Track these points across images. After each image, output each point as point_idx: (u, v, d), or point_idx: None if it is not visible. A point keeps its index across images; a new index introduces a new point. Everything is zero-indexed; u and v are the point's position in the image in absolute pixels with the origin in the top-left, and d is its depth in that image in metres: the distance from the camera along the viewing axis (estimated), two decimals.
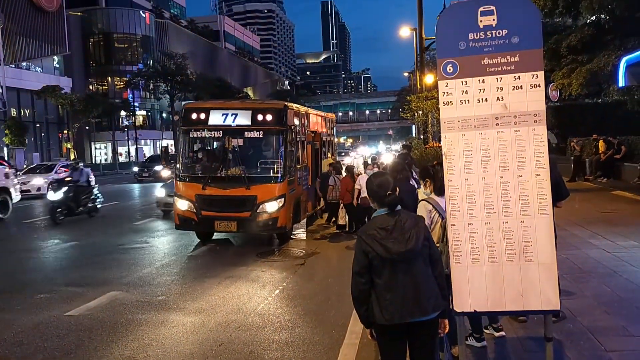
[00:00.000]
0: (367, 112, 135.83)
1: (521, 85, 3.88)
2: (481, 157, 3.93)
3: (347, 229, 12.96)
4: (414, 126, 48.46)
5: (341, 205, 13.03)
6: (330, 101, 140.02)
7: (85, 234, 14.22)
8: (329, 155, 17.38)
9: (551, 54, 21.50)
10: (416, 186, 7.35)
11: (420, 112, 25.02)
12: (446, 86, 3.99)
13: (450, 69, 3.98)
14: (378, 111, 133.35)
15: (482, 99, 3.94)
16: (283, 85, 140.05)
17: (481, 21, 3.88)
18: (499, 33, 3.89)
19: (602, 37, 21.23)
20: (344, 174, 13.22)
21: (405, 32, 33.36)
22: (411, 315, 3.43)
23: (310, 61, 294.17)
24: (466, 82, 3.95)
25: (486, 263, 3.90)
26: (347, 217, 13.10)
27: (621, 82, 9.98)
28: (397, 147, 62.54)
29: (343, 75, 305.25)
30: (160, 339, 6.26)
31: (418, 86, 29.04)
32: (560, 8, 22.27)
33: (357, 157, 44.23)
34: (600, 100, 27.62)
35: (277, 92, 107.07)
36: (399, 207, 3.58)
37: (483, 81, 3.93)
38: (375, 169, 12.01)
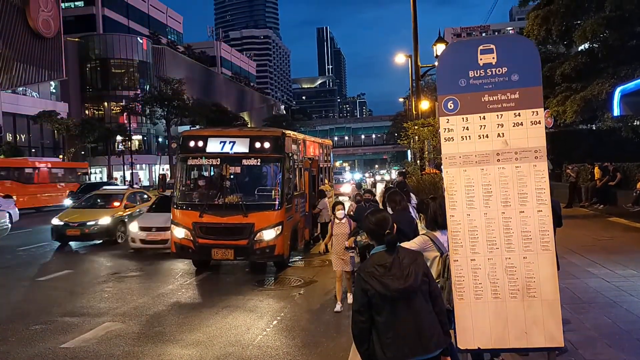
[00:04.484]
0: (363, 136, 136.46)
1: (521, 122, 3.92)
2: (483, 193, 3.94)
3: None
4: (409, 151, 48.66)
5: None
6: (326, 126, 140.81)
7: (79, 262, 14.11)
8: (326, 181, 17.41)
9: (545, 81, 21.74)
10: (414, 216, 7.35)
11: (417, 138, 25.14)
12: (447, 122, 4.03)
13: (451, 106, 4.01)
14: (373, 136, 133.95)
15: (483, 135, 3.97)
16: (279, 110, 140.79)
17: (481, 59, 3.94)
18: (499, 71, 3.94)
19: (595, 65, 21.51)
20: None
21: (400, 59, 33.77)
22: (414, 353, 3.39)
23: (306, 86, 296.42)
24: (467, 118, 3.99)
25: (489, 299, 3.88)
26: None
27: (616, 112, 10.07)
28: (384, 175, 60.98)
29: (338, 100, 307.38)
30: None
31: (413, 112, 29.26)
32: (553, 37, 22.65)
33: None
34: (594, 127, 27.87)
35: (273, 116, 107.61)
36: (397, 243, 3.56)
37: (484, 118, 3.97)
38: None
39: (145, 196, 18.84)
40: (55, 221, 16.52)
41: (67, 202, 28.70)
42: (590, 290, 8.31)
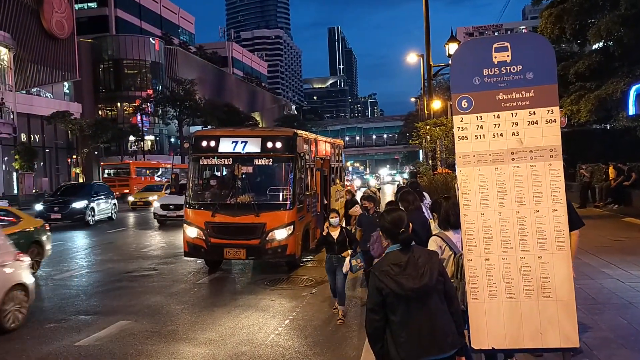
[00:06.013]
0: (374, 136, 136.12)
1: (536, 121, 3.88)
2: (497, 192, 3.91)
3: None
4: (421, 151, 48.48)
5: None
6: (337, 126, 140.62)
7: (93, 260, 14.21)
8: (338, 181, 17.39)
9: (559, 80, 21.33)
10: (428, 216, 7.31)
11: (429, 138, 25.03)
12: (461, 121, 4.00)
13: (465, 104, 3.98)
14: (385, 136, 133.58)
15: (497, 133, 3.94)
16: (290, 110, 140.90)
17: (496, 57, 3.91)
18: (514, 69, 3.91)
19: (610, 64, 21.28)
20: None
21: (412, 58, 33.62)
22: (428, 353, 3.36)
23: (317, 86, 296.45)
24: (481, 117, 3.96)
25: (504, 299, 3.85)
26: None
27: (631, 111, 9.99)
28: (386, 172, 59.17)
29: (350, 100, 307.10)
30: None
31: (425, 112, 29.14)
32: (567, 35, 22.43)
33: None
34: (608, 127, 27.56)
35: (284, 116, 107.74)
36: (412, 243, 3.54)
37: (498, 116, 3.94)
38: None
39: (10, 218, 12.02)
40: None
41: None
42: (605, 291, 8.23)
